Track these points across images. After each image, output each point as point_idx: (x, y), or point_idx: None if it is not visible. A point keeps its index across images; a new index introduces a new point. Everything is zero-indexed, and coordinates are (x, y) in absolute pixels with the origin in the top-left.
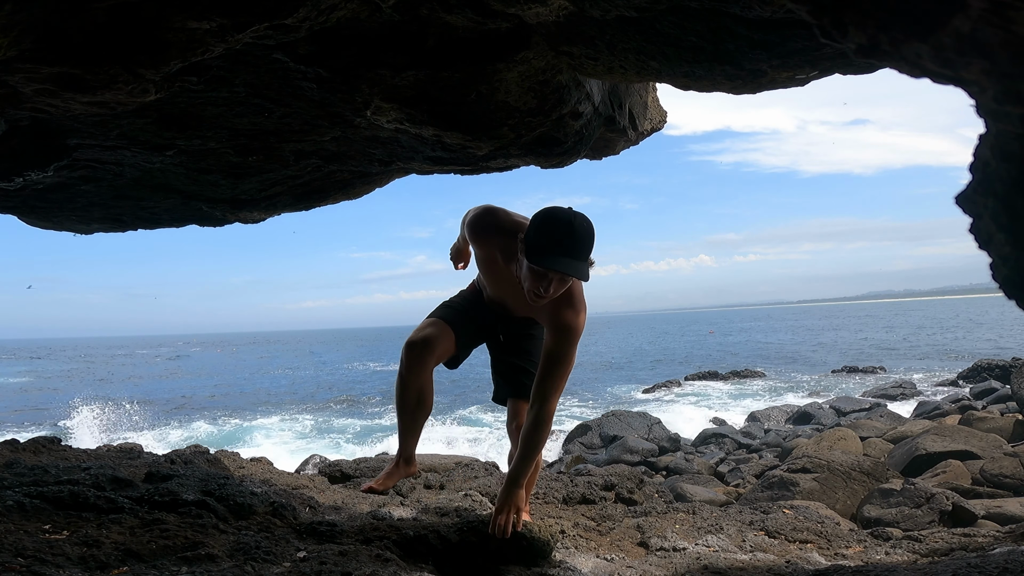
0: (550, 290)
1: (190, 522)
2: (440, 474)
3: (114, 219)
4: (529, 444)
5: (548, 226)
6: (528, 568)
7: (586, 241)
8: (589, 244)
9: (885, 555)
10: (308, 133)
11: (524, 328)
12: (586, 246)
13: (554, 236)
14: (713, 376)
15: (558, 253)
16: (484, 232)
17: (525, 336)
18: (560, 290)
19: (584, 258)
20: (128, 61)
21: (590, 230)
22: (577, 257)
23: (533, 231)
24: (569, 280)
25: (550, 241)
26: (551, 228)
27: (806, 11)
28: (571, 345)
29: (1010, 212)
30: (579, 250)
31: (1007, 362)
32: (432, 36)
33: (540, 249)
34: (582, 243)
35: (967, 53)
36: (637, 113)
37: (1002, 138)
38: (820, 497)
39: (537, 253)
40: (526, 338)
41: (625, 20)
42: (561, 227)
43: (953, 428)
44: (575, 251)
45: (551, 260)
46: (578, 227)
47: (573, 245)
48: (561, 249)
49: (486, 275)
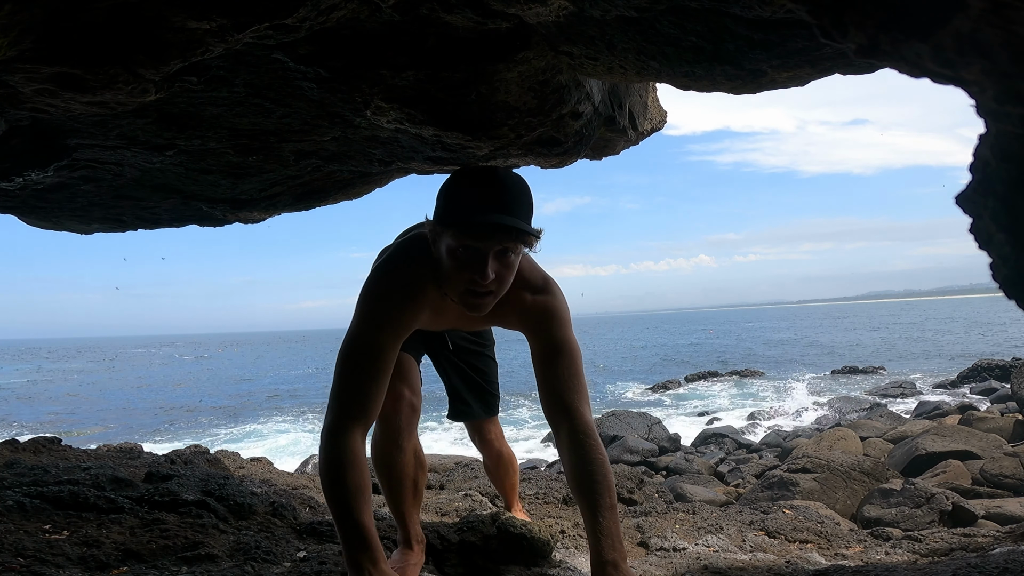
0: (488, 273)
1: (190, 522)
2: (440, 474)
3: (114, 219)
4: (600, 481)
5: (459, 180)
6: (528, 568)
7: (517, 192)
8: (523, 199)
9: (885, 555)
10: (308, 133)
11: (473, 342)
12: (519, 200)
13: (471, 189)
14: (713, 376)
15: (483, 206)
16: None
17: (474, 353)
18: (507, 273)
19: (522, 216)
20: (128, 61)
21: (521, 182)
22: (510, 212)
23: (442, 196)
24: (514, 250)
25: (467, 194)
26: (462, 181)
27: (806, 11)
28: (565, 329)
29: (1010, 212)
30: (511, 203)
31: (1007, 362)
32: (432, 36)
33: (456, 209)
34: (512, 194)
35: (967, 53)
36: (637, 113)
37: (1002, 138)
38: (820, 497)
39: (453, 214)
40: (475, 355)
41: (625, 20)
42: (477, 176)
43: (953, 428)
44: (505, 204)
45: (473, 213)
46: (503, 175)
47: (500, 195)
48: (485, 201)
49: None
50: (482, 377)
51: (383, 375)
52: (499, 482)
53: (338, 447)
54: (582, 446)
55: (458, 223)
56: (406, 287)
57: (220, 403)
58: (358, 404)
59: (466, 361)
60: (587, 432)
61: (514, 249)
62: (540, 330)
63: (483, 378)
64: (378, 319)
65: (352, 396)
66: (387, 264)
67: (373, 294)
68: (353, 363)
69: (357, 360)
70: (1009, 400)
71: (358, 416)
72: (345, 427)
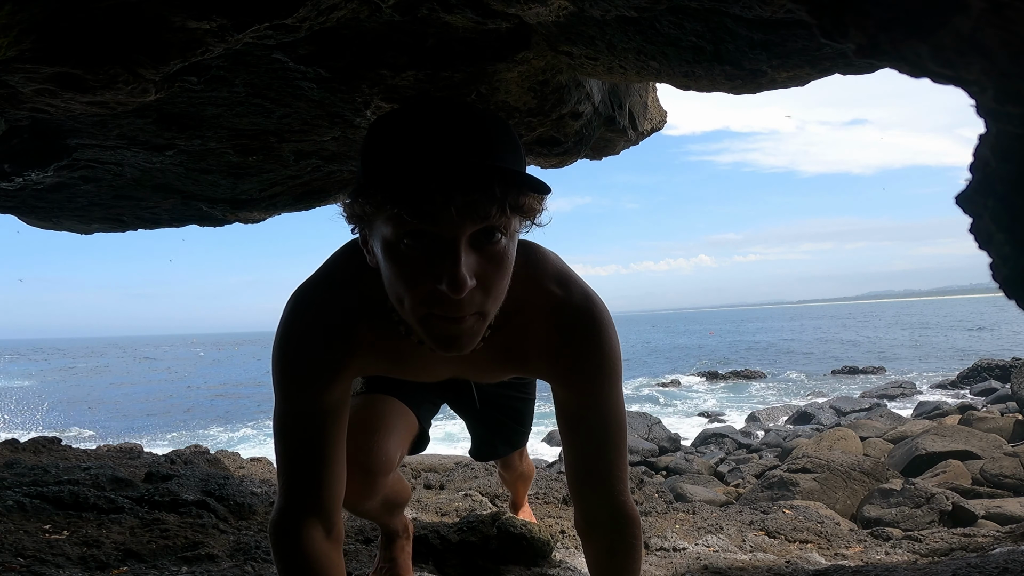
0: (461, 276)
1: (190, 522)
2: (440, 474)
3: (114, 219)
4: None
5: (388, 122)
6: (528, 568)
7: (489, 126)
8: (502, 136)
9: (885, 555)
10: (308, 133)
11: (509, 396)
12: (496, 136)
13: (408, 130)
14: (713, 376)
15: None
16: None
17: (511, 403)
18: (497, 272)
19: (509, 160)
20: (128, 61)
21: (492, 115)
22: (486, 155)
23: (364, 153)
24: (503, 227)
25: (403, 140)
26: (394, 122)
27: (806, 11)
28: (614, 380)
29: (1010, 212)
30: (483, 141)
31: (1007, 362)
32: (432, 36)
33: (386, 170)
34: (483, 127)
35: (967, 53)
36: (637, 113)
37: (1002, 138)
38: (820, 497)
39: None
40: (511, 404)
41: (625, 20)
42: (416, 112)
43: (953, 428)
44: (474, 143)
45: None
46: (457, 104)
47: (462, 131)
48: (437, 143)
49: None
50: (515, 420)
51: (331, 451)
52: (512, 486)
53: (290, 550)
54: (629, 546)
55: (393, 193)
56: (326, 330)
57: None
58: (310, 495)
59: (498, 409)
60: (631, 527)
61: (503, 226)
62: (573, 381)
63: (517, 420)
64: (297, 383)
65: (298, 485)
66: (296, 302)
67: (281, 351)
68: (286, 447)
69: (289, 444)
70: (1009, 400)
71: (311, 508)
72: (297, 521)
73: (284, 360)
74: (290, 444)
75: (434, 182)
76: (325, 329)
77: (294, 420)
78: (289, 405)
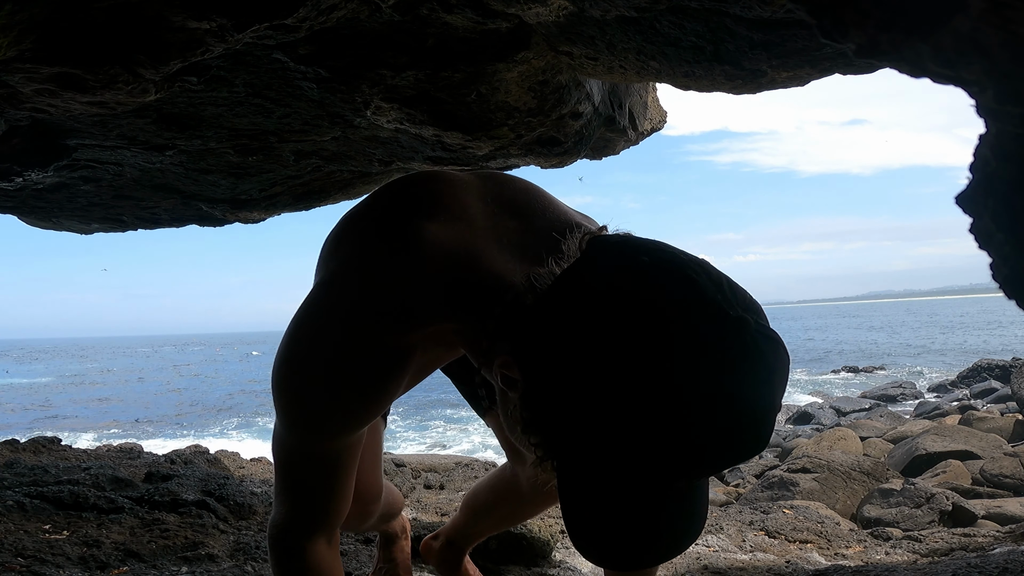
0: None
1: (190, 522)
2: (440, 474)
3: (114, 219)
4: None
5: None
6: (528, 568)
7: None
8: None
9: (885, 555)
10: (308, 133)
11: None
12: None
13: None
14: None
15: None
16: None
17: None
18: None
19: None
20: (128, 61)
21: (782, 344)
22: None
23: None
24: None
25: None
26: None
27: (806, 11)
28: None
29: (1010, 212)
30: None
31: (1007, 362)
32: (432, 36)
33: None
34: (782, 383)
35: (967, 53)
36: (637, 113)
37: (1002, 138)
38: (820, 497)
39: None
40: None
41: (625, 20)
42: (723, 367)
43: (953, 428)
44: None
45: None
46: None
47: (773, 403)
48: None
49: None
50: None
51: (347, 480)
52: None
53: (295, 568)
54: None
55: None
56: (378, 375)
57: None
58: (317, 519)
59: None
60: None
61: None
62: None
63: None
64: (323, 434)
65: (306, 509)
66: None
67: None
68: (295, 479)
69: (298, 477)
70: (1009, 400)
71: (319, 528)
72: (301, 539)
73: (309, 400)
74: (299, 478)
75: (743, 456)
76: (377, 373)
77: (304, 460)
78: (304, 447)
